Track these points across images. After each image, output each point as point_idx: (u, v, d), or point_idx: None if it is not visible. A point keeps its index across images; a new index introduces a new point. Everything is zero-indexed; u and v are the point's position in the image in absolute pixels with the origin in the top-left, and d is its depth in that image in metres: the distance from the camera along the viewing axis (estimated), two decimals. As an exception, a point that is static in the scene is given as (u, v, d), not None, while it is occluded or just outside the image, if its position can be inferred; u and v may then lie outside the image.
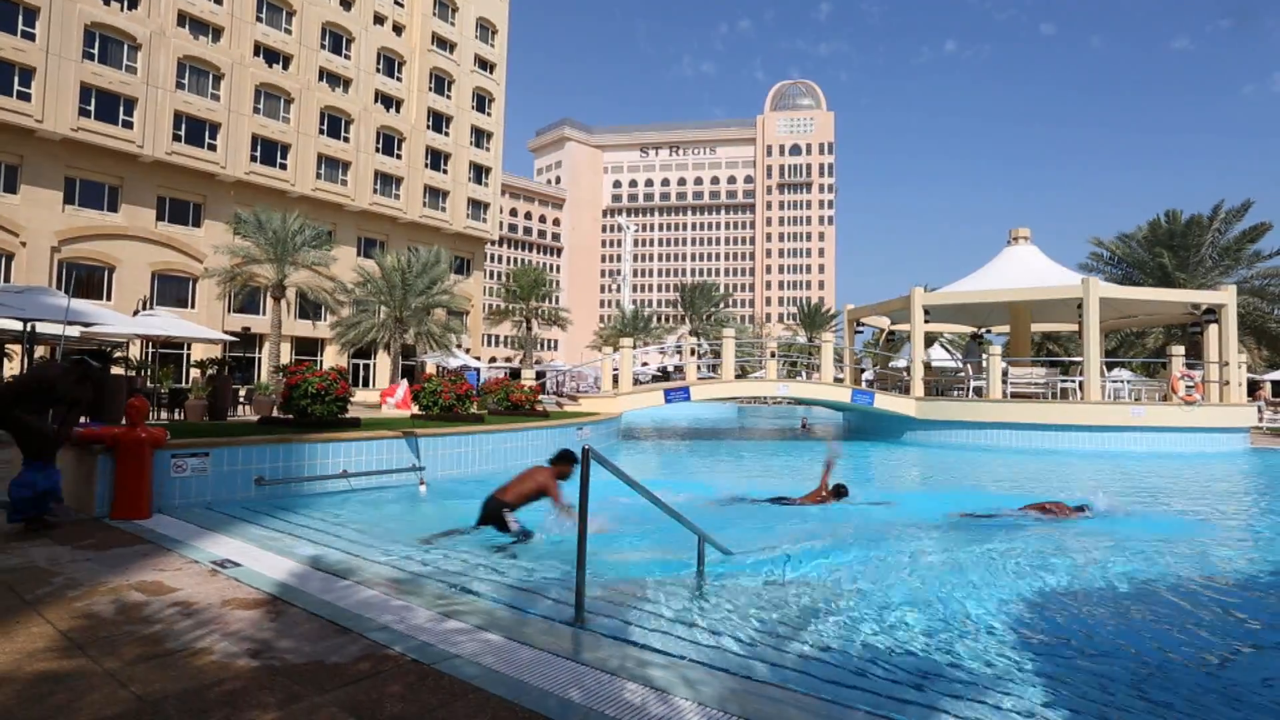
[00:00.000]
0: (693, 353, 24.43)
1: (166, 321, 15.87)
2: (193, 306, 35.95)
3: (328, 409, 9.61)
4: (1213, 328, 20.56)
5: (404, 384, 9.31)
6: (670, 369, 29.13)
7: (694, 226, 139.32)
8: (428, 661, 3.34)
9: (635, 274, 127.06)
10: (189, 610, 4.00)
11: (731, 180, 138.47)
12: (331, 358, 41.93)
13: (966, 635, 4.57)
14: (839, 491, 9.36)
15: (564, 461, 6.97)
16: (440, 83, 49.06)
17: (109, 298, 33.13)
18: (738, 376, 29.43)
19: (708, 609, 4.85)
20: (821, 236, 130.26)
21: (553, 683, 3.13)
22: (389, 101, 46.20)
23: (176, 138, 35.28)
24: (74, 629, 3.65)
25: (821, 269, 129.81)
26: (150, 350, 27.07)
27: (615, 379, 20.79)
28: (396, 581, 4.83)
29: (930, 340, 35.17)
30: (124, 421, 6.54)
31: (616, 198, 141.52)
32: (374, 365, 43.10)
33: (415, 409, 12.08)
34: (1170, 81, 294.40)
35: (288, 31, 40.79)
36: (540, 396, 15.99)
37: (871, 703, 3.37)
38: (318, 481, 8.34)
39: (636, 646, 3.82)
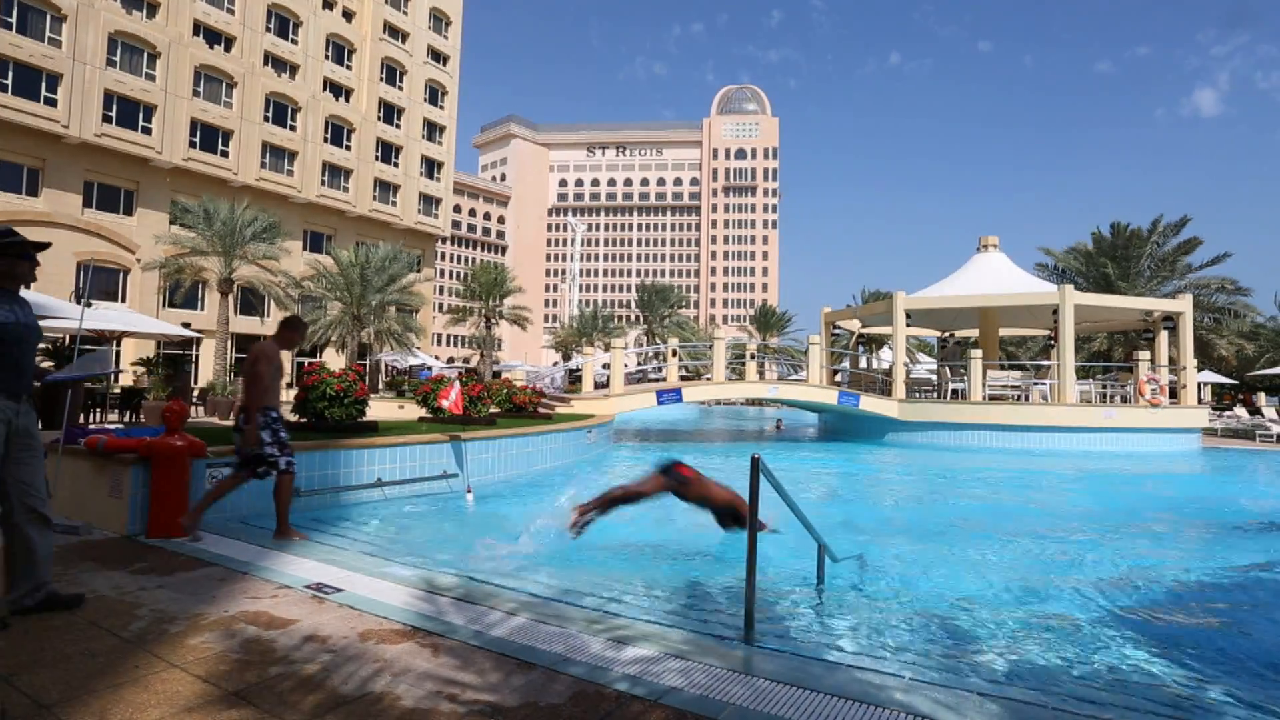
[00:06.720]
0: (674, 354, 24.24)
1: (128, 316, 14.51)
2: (123, 300, 33.37)
3: (346, 411, 8.92)
4: (1164, 333, 21.81)
5: (456, 384, 8.68)
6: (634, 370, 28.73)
7: (640, 227, 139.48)
8: (651, 697, 2.97)
9: (581, 274, 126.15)
10: (328, 646, 3.49)
11: (678, 182, 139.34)
12: (276, 357, 39.79)
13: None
14: None
15: None
16: (392, 73, 47.35)
17: (28, 289, 30.34)
18: (686, 377, 29.48)
19: (865, 619, 4.62)
20: (765, 240, 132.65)
21: (810, 716, 2.82)
22: (338, 90, 44.25)
23: (107, 119, 32.72)
24: (214, 674, 3.10)
25: (765, 271, 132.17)
26: (68, 348, 24.85)
27: (602, 381, 20.41)
28: (528, 605, 4.39)
29: (880, 343, 36.14)
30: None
31: (562, 196, 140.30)
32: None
33: (424, 411, 11.43)
34: (1096, 98, 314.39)
35: (230, 11, 38.47)
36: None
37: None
38: (352, 491, 7.69)
39: (851, 669, 3.54)
